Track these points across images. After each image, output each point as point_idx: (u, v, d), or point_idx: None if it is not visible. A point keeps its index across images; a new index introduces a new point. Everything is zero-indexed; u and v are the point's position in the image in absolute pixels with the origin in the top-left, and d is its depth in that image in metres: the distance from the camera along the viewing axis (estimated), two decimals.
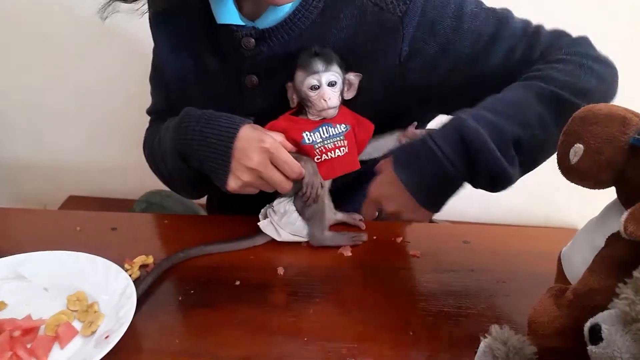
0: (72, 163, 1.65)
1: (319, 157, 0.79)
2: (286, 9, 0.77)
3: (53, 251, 0.76)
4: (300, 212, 0.82)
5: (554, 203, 1.62)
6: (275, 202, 0.83)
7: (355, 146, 0.81)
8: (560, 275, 0.58)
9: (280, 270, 0.78)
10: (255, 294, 0.74)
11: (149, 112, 1.07)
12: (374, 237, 0.87)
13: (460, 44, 0.76)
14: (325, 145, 0.79)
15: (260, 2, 0.78)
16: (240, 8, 0.81)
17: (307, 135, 0.79)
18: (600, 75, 0.70)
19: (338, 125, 0.80)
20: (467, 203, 1.59)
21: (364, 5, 0.77)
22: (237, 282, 0.76)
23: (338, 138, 0.80)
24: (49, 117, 1.57)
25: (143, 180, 1.57)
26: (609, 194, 0.53)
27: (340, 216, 0.89)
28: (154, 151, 0.87)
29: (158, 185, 1.47)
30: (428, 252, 0.84)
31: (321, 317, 0.70)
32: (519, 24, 0.77)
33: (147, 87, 1.47)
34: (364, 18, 0.77)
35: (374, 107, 0.83)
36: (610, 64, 0.74)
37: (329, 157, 0.79)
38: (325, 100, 0.76)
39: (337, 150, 0.79)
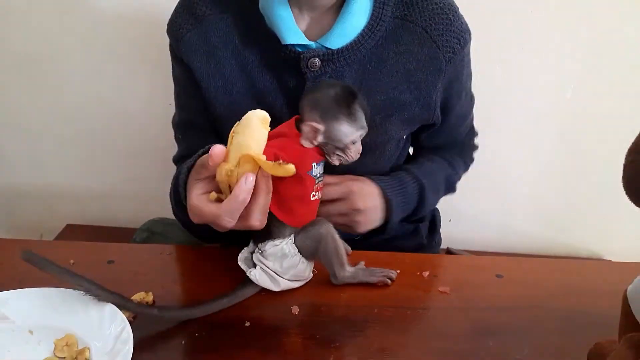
0: (70, 190, 1.59)
1: (314, 194, 0.71)
2: (358, 27, 0.80)
3: (41, 288, 0.68)
4: (306, 251, 0.72)
5: (577, 232, 1.56)
6: (269, 246, 0.71)
7: None
8: (628, 318, 0.49)
9: (295, 310, 0.70)
10: (267, 337, 0.66)
11: (175, 160, 1.03)
12: (398, 271, 0.79)
13: (456, 101, 0.91)
14: (319, 184, 0.72)
15: (322, 19, 0.81)
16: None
17: (315, 166, 0.70)
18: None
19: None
20: (487, 231, 1.55)
21: (423, 37, 0.82)
22: (247, 324, 0.68)
23: (323, 179, 0.74)
24: (45, 142, 1.52)
25: (145, 207, 1.52)
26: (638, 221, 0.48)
27: None
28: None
29: (161, 212, 1.41)
30: (458, 287, 0.77)
31: None
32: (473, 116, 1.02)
33: (149, 111, 1.44)
34: (421, 48, 0.82)
35: (396, 133, 0.87)
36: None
37: (317, 198, 0.72)
38: (359, 154, 0.72)
39: (319, 193, 0.73)
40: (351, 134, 0.69)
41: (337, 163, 0.71)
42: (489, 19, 0.84)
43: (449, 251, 1.33)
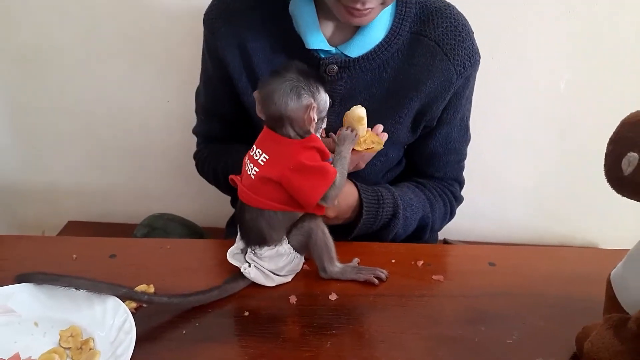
0: (71, 187, 1.60)
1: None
2: (376, 39, 0.85)
3: None
4: (299, 245, 0.75)
5: (571, 221, 1.57)
6: (264, 250, 0.73)
7: None
8: (612, 301, 0.51)
9: (293, 299, 0.72)
10: (266, 326, 0.68)
11: (196, 133, 1.09)
12: (393, 261, 0.81)
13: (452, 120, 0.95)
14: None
15: (345, 27, 0.85)
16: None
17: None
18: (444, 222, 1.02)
19: None
20: (483, 222, 1.57)
21: (435, 50, 0.86)
22: (246, 313, 0.70)
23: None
24: (47, 139, 1.53)
25: (146, 203, 1.53)
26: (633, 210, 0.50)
27: None
28: (219, 174, 0.97)
29: (161, 208, 1.43)
30: (452, 275, 0.79)
31: (340, 352, 0.64)
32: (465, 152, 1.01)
33: (150, 108, 1.45)
34: (433, 60, 0.86)
35: (402, 138, 0.93)
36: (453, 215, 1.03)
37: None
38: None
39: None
40: (327, 97, 0.72)
41: (324, 134, 0.76)
42: (481, 12, 0.86)
43: (445, 242, 1.35)
